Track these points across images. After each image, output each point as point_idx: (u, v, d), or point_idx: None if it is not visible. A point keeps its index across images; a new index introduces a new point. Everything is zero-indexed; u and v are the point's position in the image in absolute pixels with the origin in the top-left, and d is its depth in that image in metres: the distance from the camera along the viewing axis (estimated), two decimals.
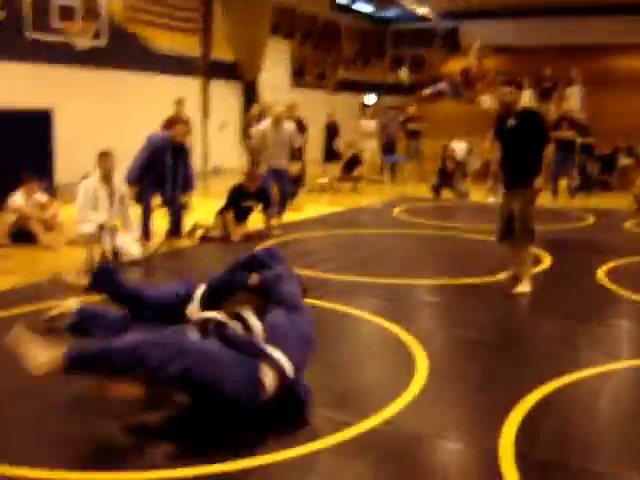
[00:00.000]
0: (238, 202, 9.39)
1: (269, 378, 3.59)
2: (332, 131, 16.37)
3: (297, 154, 11.12)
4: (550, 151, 6.93)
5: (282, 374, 3.62)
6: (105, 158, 7.62)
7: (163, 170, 8.24)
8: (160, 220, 8.66)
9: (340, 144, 16.25)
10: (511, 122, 6.53)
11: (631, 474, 3.32)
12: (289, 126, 10.63)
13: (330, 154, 16.44)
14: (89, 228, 7.53)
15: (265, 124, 10.66)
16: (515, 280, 6.72)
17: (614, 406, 4.23)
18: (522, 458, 3.38)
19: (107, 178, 7.64)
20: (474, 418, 3.94)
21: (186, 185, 8.62)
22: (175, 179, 8.42)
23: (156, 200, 8.62)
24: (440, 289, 6.78)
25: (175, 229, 8.74)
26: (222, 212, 9.33)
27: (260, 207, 9.61)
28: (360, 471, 3.32)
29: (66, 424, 3.74)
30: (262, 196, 9.49)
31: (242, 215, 9.46)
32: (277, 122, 10.42)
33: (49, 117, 12.24)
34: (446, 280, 6.96)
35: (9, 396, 4.11)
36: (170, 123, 11.90)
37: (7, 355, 4.76)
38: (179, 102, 12.62)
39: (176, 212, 8.66)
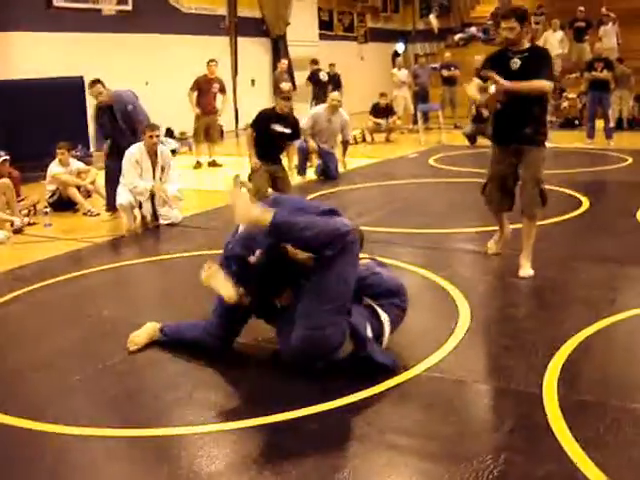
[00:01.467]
0: (269, 125, 8.94)
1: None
2: (333, 83, 15.82)
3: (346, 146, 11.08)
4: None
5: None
6: (152, 132, 7.33)
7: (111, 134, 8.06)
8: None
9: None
10: (515, 63, 5.43)
11: None
12: (343, 117, 10.56)
13: None
14: (123, 199, 7.34)
15: (320, 108, 10.66)
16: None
17: None
18: (565, 400, 3.43)
19: (152, 150, 7.41)
20: (517, 363, 3.97)
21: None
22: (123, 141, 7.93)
23: None
24: (479, 236, 6.76)
25: None
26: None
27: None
28: (406, 417, 3.40)
29: (124, 383, 3.86)
30: (294, 123, 9.23)
31: (276, 150, 9.13)
32: (333, 110, 10.40)
33: (82, 85, 12.33)
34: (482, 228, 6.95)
35: (63, 358, 4.24)
36: (198, 83, 11.94)
37: (58, 319, 4.94)
38: (211, 62, 12.59)
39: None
